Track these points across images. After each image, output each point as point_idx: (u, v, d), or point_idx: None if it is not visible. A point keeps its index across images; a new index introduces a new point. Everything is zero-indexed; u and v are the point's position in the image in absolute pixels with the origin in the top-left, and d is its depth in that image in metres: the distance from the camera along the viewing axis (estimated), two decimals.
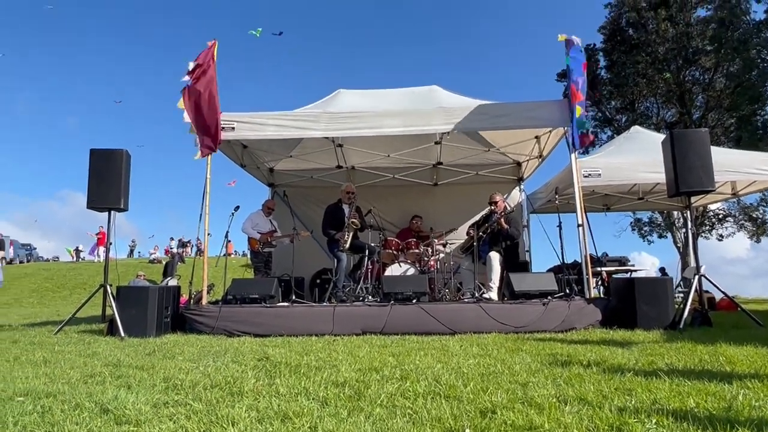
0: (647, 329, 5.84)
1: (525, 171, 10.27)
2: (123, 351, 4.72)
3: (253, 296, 6.77)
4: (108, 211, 6.72)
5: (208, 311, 6.46)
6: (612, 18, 25.46)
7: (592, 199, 10.75)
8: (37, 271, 24.45)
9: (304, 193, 10.27)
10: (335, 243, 7.99)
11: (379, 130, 7.05)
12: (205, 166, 7.11)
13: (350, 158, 9.96)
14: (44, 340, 5.70)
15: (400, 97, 8.56)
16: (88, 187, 6.54)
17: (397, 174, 10.17)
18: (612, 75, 25.19)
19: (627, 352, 4.25)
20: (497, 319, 6.14)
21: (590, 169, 8.15)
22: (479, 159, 9.85)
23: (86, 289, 21.59)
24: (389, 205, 10.18)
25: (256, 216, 8.79)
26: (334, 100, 8.52)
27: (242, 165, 8.99)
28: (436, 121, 7.03)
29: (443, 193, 10.47)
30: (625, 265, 9.83)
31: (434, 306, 6.41)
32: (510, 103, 7.17)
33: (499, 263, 7.53)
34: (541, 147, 9.02)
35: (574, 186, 6.98)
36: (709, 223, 24.45)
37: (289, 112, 7.31)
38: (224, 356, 4.38)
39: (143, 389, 3.04)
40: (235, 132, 7.08)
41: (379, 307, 6.38)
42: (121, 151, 6.68)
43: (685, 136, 6.60)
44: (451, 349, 4.70)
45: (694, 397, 2.62)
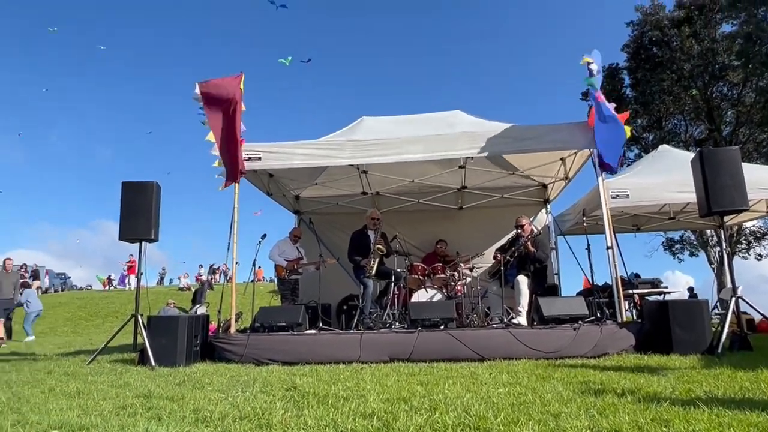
0: (683, 354, 5.66)
1: (551, 193, 10.18)
2: (153, 381, 4.77)
3: (280, 324, 6.80)
4: (139, 242, 6.88)
5: (237, 340, 6.51)
6: (635, 36, 25.33)
7: (621, 220, 10.58)
8: (71, 300, 25.00)
9: (330, 219, 10.35)
10: (361, 269, 8.00)
11: (403, 157, 7.09)
12: (233, 195, 7.25)
13: (375, 184, 10.02)
14: (77, 370, 5.80)
15: (424, 122, 8.61)
16: (120, 219, 6.71)
17: (421, 198, 10.19)
18: (637, 93, 24.96)
19: (663, 380, 4.12)
20: (527, 344, 6.03)
21: (618, 189, 8.04)
22: (504, 182, 9.81)
23: (118, 317, 21.96)
24: (414, 229, 10.18)
25: (283, 243, 8.89)
26: (358, 127, 8.63)
27: (269, 193, 9.12)
28: (459, 146, 7.05)
29: (468, 217, 10.43)
30: (657, 287, 9.60)
31: (462, 332, 6.33)
32: (533, 126, 7.14)
33: (528, 287, 7.43)
34: (566, 169, 8.94)
35: (602, 208, 6.88)
36: (746, 241, 23.74)
37: (314, 141, 7.42)
38: (253, 386, 4.39)
39: (173, 421, 3.06)
40: (261, 162, 7.20)
41: (407, 334, 6.34)
42: (151, 183, 6.85)
43: (715, 155, 6.46)
44: (480, 376, 4.63)
45: (736, 429, 2.52)
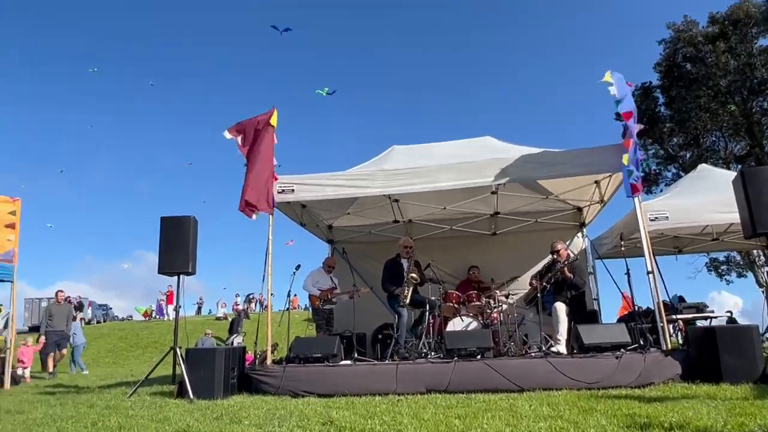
0: (734, 383, 5.40)
1: (586, 216, 10.00)
2: (192, 415, 4.81)
3: (315, 355, 6.79)
4: (177, 276, 7.03)
5: (273, 372, 6.53)
6: (667, 54, 24.98)
7: (661, 242, 10.30)
8: (112, 331, 25.59)
9: (363, 248, 10.38)
10: (395, 298, 7.96)
11: (435, 185, 7.09)
12: (267, 227, 7.36)
13: (407, 212, 10.04)
14: (119, 403, 5.90)
15: (454, 149, 8.62)
16: (159, 254, 6.89)
17: (454, 225, 10.14)
18: (672, 111, 24.49)
19: (713, 412, 3.94)
20: (567, 374, 5.86)
21: (657, 212, 7.84)
22: (538, 206, 9.69)
23: (157, 347, 22.33)
24: (447, 257, 10.11)
25: (317, 274, 8.93)
26: (389, 156, 8.69)
27: (302, 224, 9.23)
28: (490, 173, 7.01)
29: (502, 243, 10.30)
30: (702, 312, 9.23)
31: (500, 361, 6.21)
32: (566, 151, 7.07)
33: (566, 314, 7.27)
34: (601, 192, 8.78)
35: (641, 232, 6.70)
36: None
37: (345, 172, 7.51)
38: (289, 420, 4.39)
39: None
40: (294, 194, 7.32)
41: (443, 364, 6.25)
42: (188, 218, 7.02)
43: (758, 174, 6.25)
44: (519, 409, 4.52)
45: None
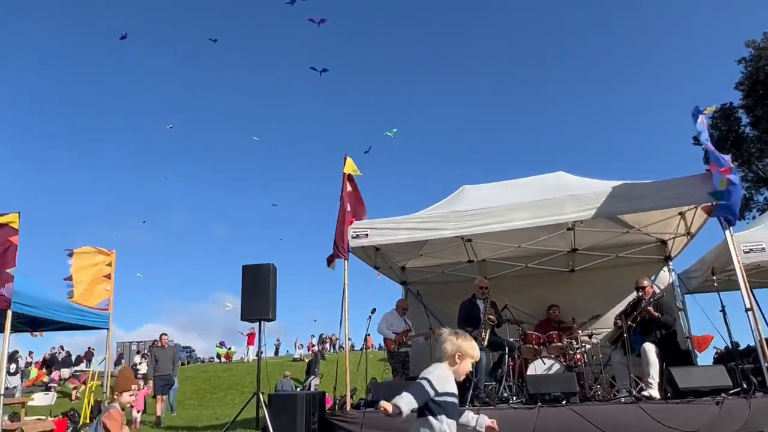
0: None
1: (672, 249, 9.47)
2: None
3: None
4: (258, 322, 7.29)
5: (353, 417, 6.55)
6: (749, 72, 23.72)
7: (759, 274, 9.53)
8: (196, 374, 26.52)
9: (437, 289, 10.32)
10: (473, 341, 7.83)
11: (510, 224, 7.01)
12: (342, 271, 7.52)
13: (480, 251, 9.93)
14: None
15: (527, 186, 8.50)
16: (242, 301, 7.21)
17: (530, 263, 9.90)
18: (759, 131, 23.06)
19: None
20: (663, 422, 5.51)
21: (751, 243, 7.32)
22: (618, 240, 9.29)
23: (239, 390, 22.89)
24: (524, 296, 9.84)
25: (391, 316, 8.94)
26: (460, 196, 8.69)
27: (376, 267, 9.34)
28: (567, 210, 6.85)
29: (582, 279, 9.92)
30: None
31: (588, 408, 5.94)
32: (646, 183, 6.81)
33: (656, 355, 6.84)
34: (687, 224, 8.34)
35: (735, 265, 6.29)
36: None
37: (417, 215, 7.58)
38: None
39: None
40: (368, 239, 7.47)
41: (526, 410, 6.05)
42: (268, 265, 7.32)
43: None
44: None
45: None
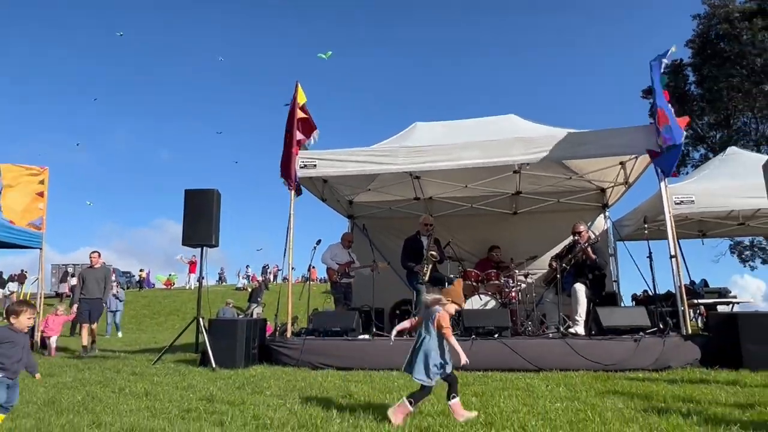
0: (754, 370, 5.37)
1: (610, 197, 9.86)
2: (215, 384, 4.95)
3: (335, 329, 6.91)
4: (201, 248, 7.16)
5: (293, 344, 6.66)
6: (701, 31, 24.19)
7: (685, 225, 10.11)
8: (135, 299, 26.15)
9: (383, 224, 10.41)
10: (414, 275, 8.01)
11: (458, 163, 7.06)
12: (288, 201, 7.42)
13: (427, 189, 10.01)
14: (144, 370, 6.10)
15: (477, 127, 8.53)
16: (183, 226, 7.02)
17: (475, 203, 10.09)
18: (703, 90, 23.83)
19: (732, 399, 3.94)
20: (585, 356, 5.88)
21: (683, 195, 7.69)
22: (561, 186, 9.58)
23: (179, 315, 22.83)
24: (467, 235, 10.09)
25: (336, 247, 8.98)
26: (412, 133, 8.64)
27: (323, 199, 9.27)
28: (514, 152, 6.95)
29: (523, 222, 10.23)
30: (725, 297, 9.12)
31: (517, 341, 6.25)
32: (591, 131, 6.96)
33: (585, 296, 7.23)
34: (626, 173, 8.65)
35: (665, 216, 6.62)
36: None
37: (368, 149, 7.50)
38: (309, 392, 4.49)
39: (235, 428, 3.18)
40: (317, 169, 7.35)
41: (460, 342, 6.28)
42: (212, 191, 7.12)
43: None
44: (536, 389, 4.56)
45: None
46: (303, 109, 7.34)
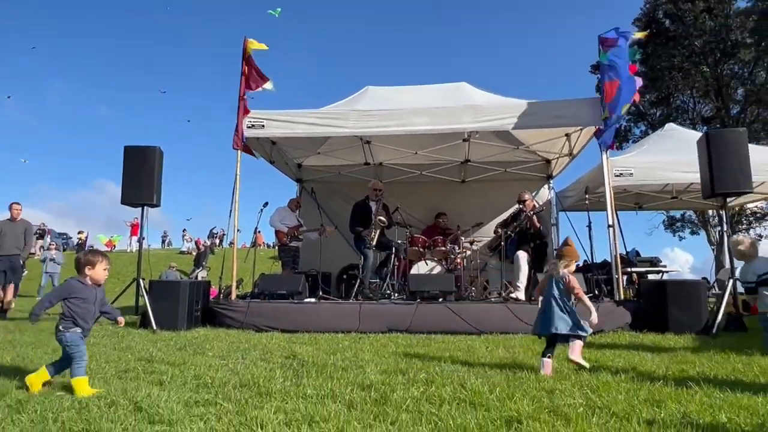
0: (678, 333, 5.73)
1: (554, 168, 10.13)
2: (155, 345, 4.84)
3: (281, 292, 6.87)
4: (141, 207, 6.90)
5: (237, 306, 6.58)
6: (647, 10, 24.79)
7: (623, 197, 10.55)
8: (71, 261, 25.13)
9: (332, 188, 10.34)
10: (362, 240, 8.03)
11: (408, 128, 7.05)
12: (235, 163, 7.24)
13: (378, 155, 9.98)
14: None
15: (429, 94, 8.51)
16: (123, 184, 6.72)
17: (424, 170, 10.15)
18: (647, 68, 24.57)
19: (657, 359, 4.18)
20: (524, 320, 6.09)
21: (622, 168, 8.00)
22: (508, 156, 9.75)
23: (120, 278, 22.09)
24: (416, 201, 10.17)
25: (284, 210, 8.89)
26: (363, 97, 8.54)
27: (271, 161, 9.09)
28: (464, 120, 7.00)
29: (471, 191, 10.40)
30: (656, 266, 9.63)
31: (461, 305, 6.40)
32: (540, 102, 7.08)
33: (527, 263, 7.46)
34: (571, 145, 8.88)
35: (605, 186, 6.87)
36: (746, 221, 23.73)
37: (318, 110, 7.36)
38: (252, 353, 4.47)
39: (175, 387, 3.12)
40: (265, 130, 7.17)
41: (406, 306, 6.41)
42: (154, 148, 6.83)
43: (722, 136, 6.43)
44: (477, 350, 4.70)
45: (726, 412, 2.57)
46: (249, 62, 7.08)
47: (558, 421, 2.40)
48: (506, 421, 2.42)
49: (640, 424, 2.35)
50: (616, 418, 2.47)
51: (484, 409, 2.65)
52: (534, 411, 2.59)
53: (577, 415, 2.48)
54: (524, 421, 2.40)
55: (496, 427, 2.35)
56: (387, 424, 2.39)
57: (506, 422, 2.41)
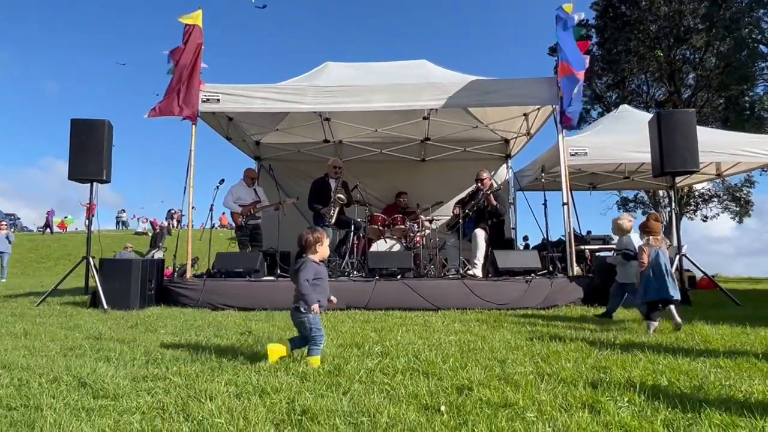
0: (628, 308, 5.92)
1: (513, 148, 10.26)
2: (105, 324, 4.71)
3: (238, 270, 6.76)
4: (90, 183, 6.64)
5: (193, 285, 6.45)
6: None
7: (578, 178, 10.79)
8: (21, 242, 24.15)
9: (291, 167, 10.19)
10: (321, 218, 7.96)
11: (367, 105, 6.98)
12: (190, 138, 7.04)
13: (337, 132, 9.88)
14: (26, 311, 5.67)
15: (389, 71, 8.45)
16: (70, 158, 6.44)
17: (384, 149, 10.12)
18: (604, 52, 25.04)
19: (605, 331, 4.32)
20: (480, 296, 6.19)
21: (577, 147, 8.15)
22: (467, 135, 9.79)
23: (71, 260, 21.39)
24: (376, 180, 10.15)
25: (238, 188, 8.58)
26: (322, 73, 8.40)
27: (228, 138, 8.87)
28: (424, 97, 6.97)
29: (431, 169, 10.44)
30: (608, 244, 9.92)
31: (419, 282, 6.44)
32: (499, 80, 7.11)
33: (484, 240, 7.56)
34: (529, 124, 8.99)
35: (561, 165, 6.99)
36: (694, 203, 24.69)
37: (275, 85, 7.20)
38: (206, 330, 4.39)
39: (123, 363, 3.04)
40: (220, 104, 6.97)
41: (364, 283, 6.41)
42: (103, 121, 6.56)
43: (672, 117, 6.62)
44: (433, 325, 4.75)
45: (668, 376, 2.67)
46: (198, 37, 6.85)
47: (508, 388, 2.45)
48: (458, 389, 2.46)
49: (586, 388, 2.42)
50: (564, 383, 2.54)
51: (437, 378, 2.68)
52: (485, 379, 2.63)
53: (527, 381, 2.53)
54: (475, 388, 2.44)
55: (447, 394, 2.38)
56: (339, 393, 2.39)
57: (458, 390, 2.45)
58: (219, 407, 2.15)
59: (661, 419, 2.01)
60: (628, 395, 2.31)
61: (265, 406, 2.20)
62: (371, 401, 2.24)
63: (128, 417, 2.05)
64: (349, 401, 2.26)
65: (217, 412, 2.09)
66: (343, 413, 2.09)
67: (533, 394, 2.34)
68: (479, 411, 2.12)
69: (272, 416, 2.07)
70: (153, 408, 2.18)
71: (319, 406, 2.17)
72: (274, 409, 2.16)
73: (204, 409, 2.14)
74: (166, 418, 2.05)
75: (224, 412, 2.09)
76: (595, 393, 2.34)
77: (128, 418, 2.05)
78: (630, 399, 2.27)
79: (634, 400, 2.25)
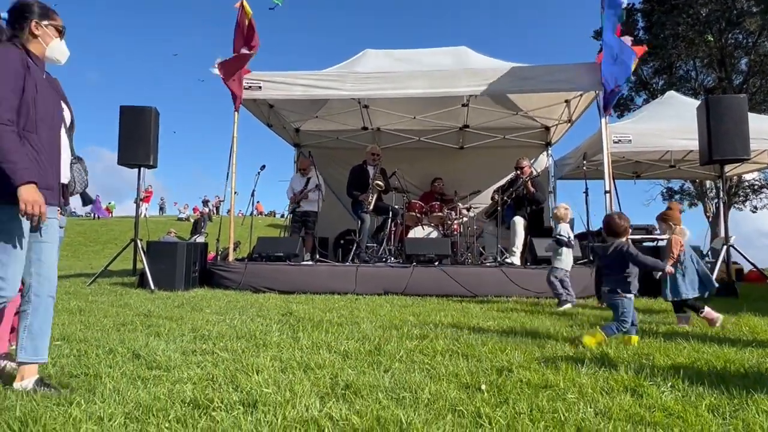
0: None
1: (553, 135, 10.08)
2: (153, 303, 4.90)
3: (278, 254, 6.91)
4: (138, 168, 6.88)
5: (235, 267, 6.63)
6: None
7: (621, 166, 10.54)
8: (70, 227, 25.18)
9: (330, 154, 10.28)
10: (359, 204, 8.02)
11: (405, 92, 6.98)
12: (232, 125, 7.19)
13: (376, 120, 9.90)
14: (78, 290, 5.95)
15: (428, 57, 8.40)
16: (119, 144, 6.69)
17: (422, 137, 10.09)
18: (650, 37, 24.22)
19: (648, 319, 4.25)
20: (519, 284, 6.16)
21: (620, 134, 7.96)
22: (506, 122, 9.67)
23: (118, 244, 22.15)
24: (414, 167, 10.13)
25: (294, 178, 8.67)
26: (361, 60, 8.43)
27: (269, 125, 9.01)
28: (462, 83, 6.93)
29: (469, 157, 10.36)
30: (651, 234, 9.68)
31: (456, 269, 6.45)
32: (539, 66, 7.00)
33: (523, 228, 7.49)
34: (570, 111, 8.81)
35: (603, 152, 6.84)
36: (743, 193, 23.75)
37: (315, 72, 7.27)
38: (249, 311, 4.52)
39: (172, 338, 3.17)
40: (262, 91, 7.09)
41: (401, 269, 6.46)
42: (150, 108, 6.78)
43: (721, 102, 6.39)
44: (471, 311, 4.76)
45: (713, 363, 2.62)
46: (251, 23, 6.93)
47: (548, 370, 2.46)
48: (497, 370, 2.48)
49: (628, 373, 2.40)
50: (605, 367, 2.53)
51: (476, 359, 2.71)
52: (525, 361, 2.65)
53: (567, 365, 2.53)
54: (515, 370, 2.45)
55: (487, 374, 2.40)
56: (380, 371, 2.44)
57: (497, 371, 2.47)
58: (266, 379, 2.24)
59: (706, 404, 1.99)
60: (671, 380, 2.29)
61: (310, 380, 2.27)
62: (412, 378, 2.29)
63: (181, 386, 2.16)
64: (390, 378, 2.31)
65: (264, 383, 2.18)
66: (385, 389, 2.14)
67: (573, 377, 2.34)
68: (519, 391, 2.14)
69: (317, 389, 2.14)
70: (203, 379, 2.28)
71: (362, 381, 2.23)
72: (318, 383, 2.23)
73: (252, 381, 2.22)
74: (216, 388, 2.14)
75: (271, 384, 2.17)
76: (637, 378, 2.32)
77: (181, 387, 2.15)
78: (674, 384, 2.24)
79: (677, 385, 2.23)
